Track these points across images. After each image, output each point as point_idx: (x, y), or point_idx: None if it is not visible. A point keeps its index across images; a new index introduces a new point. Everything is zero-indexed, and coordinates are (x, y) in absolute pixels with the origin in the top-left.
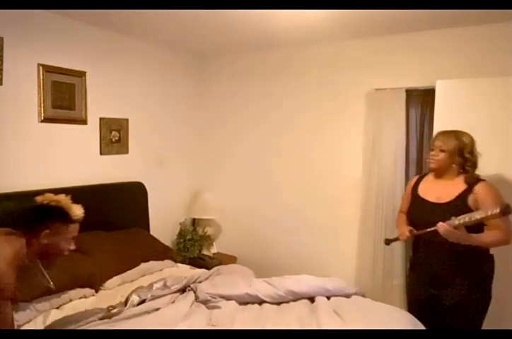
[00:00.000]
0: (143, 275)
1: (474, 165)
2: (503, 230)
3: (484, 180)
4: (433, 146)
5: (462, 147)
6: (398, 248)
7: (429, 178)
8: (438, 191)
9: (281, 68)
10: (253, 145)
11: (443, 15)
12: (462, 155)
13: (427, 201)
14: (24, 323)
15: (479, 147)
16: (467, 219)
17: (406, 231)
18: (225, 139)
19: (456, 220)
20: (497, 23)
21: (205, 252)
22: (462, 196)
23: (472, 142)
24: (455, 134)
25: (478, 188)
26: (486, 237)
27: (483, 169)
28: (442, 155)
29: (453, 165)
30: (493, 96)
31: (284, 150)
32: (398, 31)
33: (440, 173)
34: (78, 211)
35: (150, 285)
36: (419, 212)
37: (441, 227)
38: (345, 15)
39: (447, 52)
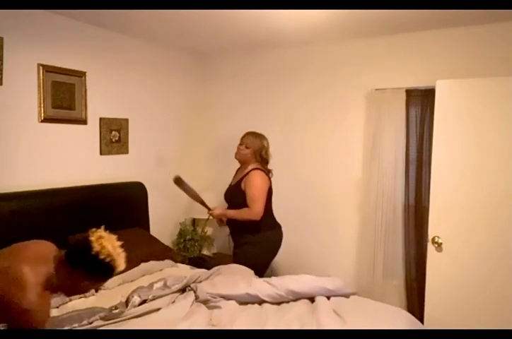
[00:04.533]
0: (143, 275)
1: (266, 162)
2: (250, 208)
3: (257, 169)
4: (241, 142)
5: (261, 148)
6: (399, 248)
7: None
8: (236, 177)
9: (280, 68)
10: None
11: (444, 15)
12: (261, 154)
13: (230, 184)
14: None
15: (481, 147)
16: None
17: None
18: (224, 138)
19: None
20: (498, 23)
21: (205, 252)
22: (241, 179)
23: (268, 145)
24: (260, 137)
25: (249, 173)
26: (238, 213)
27: (480, 166)
28: (247, 151)
29: (249, 156)
30: (495, 96)
31: (284, 149)
32: (398, 31)
33: (242, 163)
34: (122, 266)
35: (151, 285)
36: (224, 193)
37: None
38: (344, 15)
39: (447, 52)
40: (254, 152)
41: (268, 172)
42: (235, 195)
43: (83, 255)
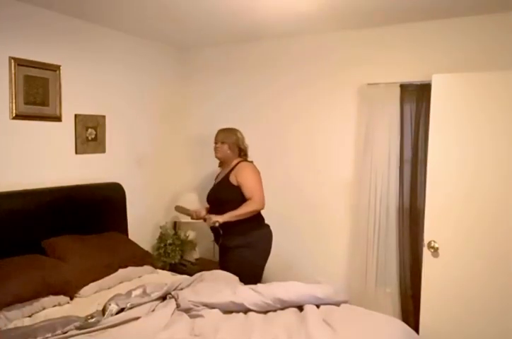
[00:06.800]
0: (121, 282)
1: (245, 153)
2: (252, 198)
3: (244, 161)
4: (216, 140)
5: (237, 140)
6: (393, 253)
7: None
8: (220, 175)
9: (268, 62)
10: None
11: (440, 4)
12: (239, 146)
13: (214, 183)
14: None
15: (480, 145)
16: None
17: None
18: (208, 137)
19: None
20: (496, 13)
21: (187, 257)
22: (227, 174)
23: (243, 136)
24: (232, 131)
25: (237, 166)
26: (240, 209)
27: (479, 166)
28: (224, 147)
29: (229, 152)
30: (494, 91)
31: (271, 148)
32: (392, 22)
33: (223, 160)
34: None
35: (129, 293)
36: (208, 193)
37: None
38: (335, 4)
39: (444, 45)
40: (232, 146)
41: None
42: (224, 190)
43: None
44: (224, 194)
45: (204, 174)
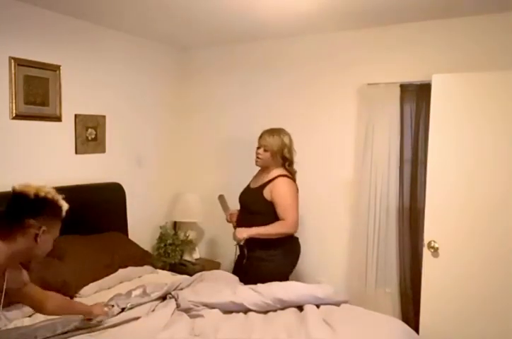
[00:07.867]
0: (121, 282)
1: (291, 163)
2: (285, 219)
3: (284, 176)
4: (259, 144)
5: (283, 147)
6: (393, 253)
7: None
8: (258, 179)
9: (268, 62)
10: (237, 144)
11: (440, 4)
12: (282, 155)
13: (248, 186)
14: None
15: (480, 146)
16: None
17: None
18: (208, 138)
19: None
20: (496, 13)
21: (187, 257)
22: (263, 185)
23: (291, 142)
24: (278, 134)
25: (275, 181)
26: (270, 229)
27: (479, 166)
28: (266, 155)
29: (271, 160)
30: (495, 91)
31: None
32: (392, 22)
33: (264, 167)
34: (65, 204)
35: (129, 293)
36: (241, 194)
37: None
38: (335, 4)
39: (444, 45)
40: (274, 154)
41: (293, 175)
42: (255, 202)
43: (23, 203)
44: (255, 207)
45: (204, 174)
